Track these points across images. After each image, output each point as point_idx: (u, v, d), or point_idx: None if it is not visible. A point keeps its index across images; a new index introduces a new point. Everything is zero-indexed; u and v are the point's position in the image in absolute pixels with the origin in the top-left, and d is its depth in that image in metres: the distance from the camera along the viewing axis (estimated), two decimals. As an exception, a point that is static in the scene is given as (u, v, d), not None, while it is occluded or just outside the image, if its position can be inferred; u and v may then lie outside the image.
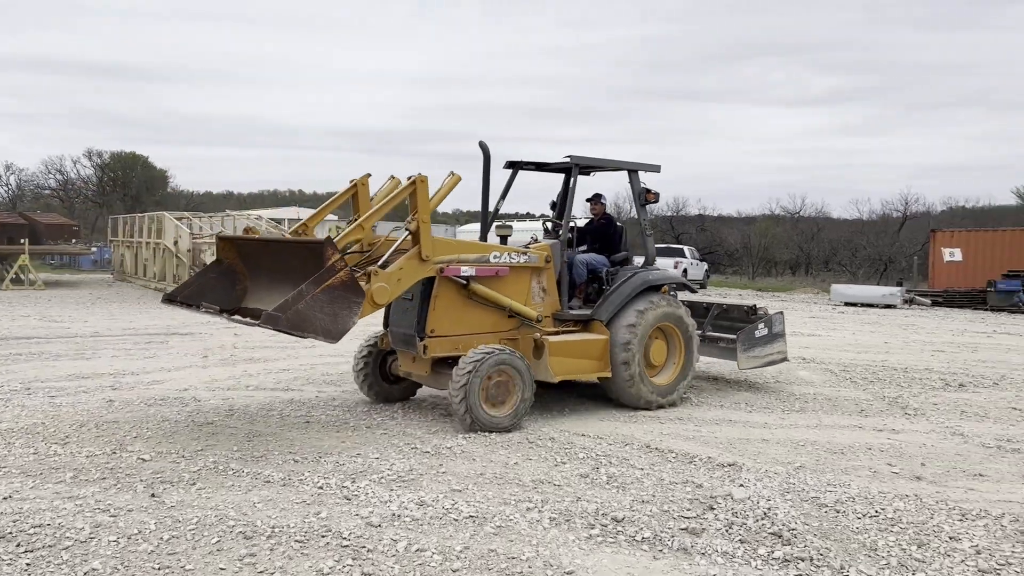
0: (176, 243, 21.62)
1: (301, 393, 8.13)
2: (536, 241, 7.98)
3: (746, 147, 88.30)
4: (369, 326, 9.29)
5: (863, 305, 23.75)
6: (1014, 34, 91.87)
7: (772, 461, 5.90)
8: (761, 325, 8.84)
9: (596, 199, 8.62)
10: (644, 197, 8.22)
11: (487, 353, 6.55)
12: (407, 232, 6.62)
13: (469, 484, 5.16)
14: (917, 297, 24.61)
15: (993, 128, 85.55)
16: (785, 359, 9.07)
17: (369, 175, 7.01)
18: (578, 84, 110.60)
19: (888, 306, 23.60)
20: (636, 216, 8.36)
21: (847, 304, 23.78)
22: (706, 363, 10.03)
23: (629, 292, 7.72)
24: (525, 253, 7.44)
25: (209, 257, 20.07)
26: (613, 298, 7.71)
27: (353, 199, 6.97)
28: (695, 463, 5.79)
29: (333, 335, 5.58)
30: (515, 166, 8.44)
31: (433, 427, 6.71)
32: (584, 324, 7.70)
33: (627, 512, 4.69)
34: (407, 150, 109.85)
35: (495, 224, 8.16)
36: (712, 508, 4.80)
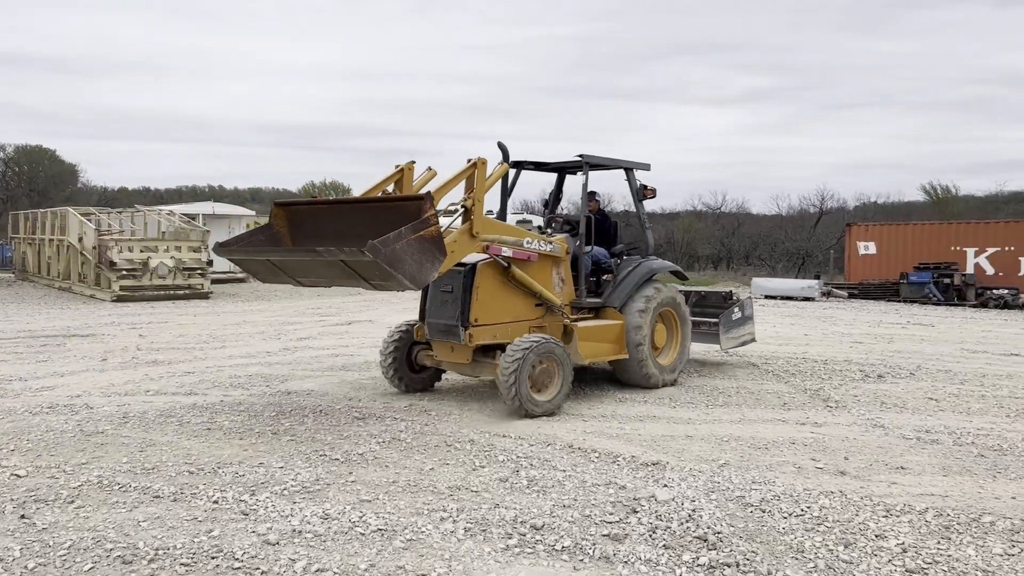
0: (81, 240, 20.49)
1: (205, 397, 7.62)
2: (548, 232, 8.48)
3: (669, 145, 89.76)
4: (342, 336, 8.78)
5: (783, 298, 24.21)
6: (919, 39, 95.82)
7: (696, 459, 5.73)
8: (736, 309, 9.83)
9: (591, 196, 8.85)
10: (642, 193, 8.79)
11: (534, 342, 6.95)
12: (463, 209, 6.97)
13: (380, 494, 4.81)
14: (834, 290, 25.22)
15: (900, 128, 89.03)
16: (754, 339, 10.13)
17: (414, 162, 7.33)
18: (505, 81, 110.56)
19: (807, 299, 24.11)
20: (635, 210, 8.97)
21: (767, 297, 24.20)
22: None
23: (637, 280, 8.42)
24: (551, 242, 7.84)
25: (116, 255, 19.10)
26: (623, 286, 8.34)
27: (396, 184, 7.26)
28: (619, 463, 5.57)
29: (417, 282, 5.90)
30: (518, 166, 8.78)
31: (345, 431, 6.33)
32: (596, 312, 8.26)
33: (547, 519, 4.42)
34: (333, 145, 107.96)
35: (516, 221, 8.67)
36: (635, 511, 4.57)
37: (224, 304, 18.69)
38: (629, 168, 8.73)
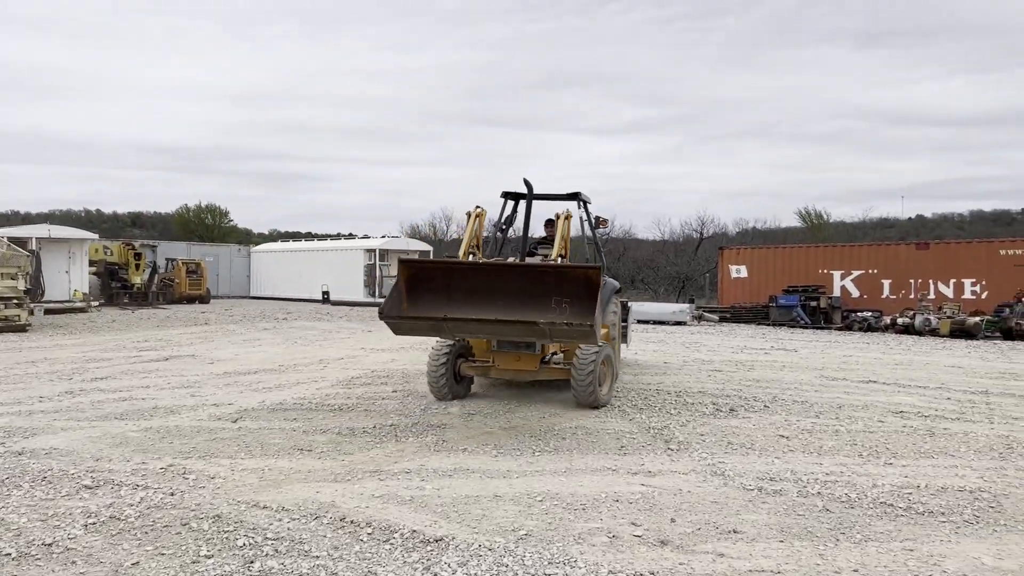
0: None
1: (-96, 463, 6.02)
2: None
3: (559, 171, 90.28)
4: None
5: (655, 322, 23.85)
6: (788, 76, 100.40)
7: (494, 529, 4.66)
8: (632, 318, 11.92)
9: (552, 223, 9.98)
10: (598, 222, 10.52)
11: (598, 350, 8.63)
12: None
13: (34, 609, 3.50)
14: (706, 314, 25.11)
15: (775, 158, 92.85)
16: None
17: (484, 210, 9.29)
18: (397, 107, 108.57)
19: (679, 323, 23.86)
20: (588, 237, 10.55)
21: (640, 322, 23.77)
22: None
23: (607, 296, 9.72)
24: None
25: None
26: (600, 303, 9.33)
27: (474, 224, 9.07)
28: (392, 542, 4.43)
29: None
30: (512, 197, 10.04)
31: (56, 507, 4.93)
32: None
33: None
34: (220, 168, 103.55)
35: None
36: (381, 621, 3.43)
37: (39, 338, 16.58)
38: (587, 201, 10.34)
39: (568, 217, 8.83)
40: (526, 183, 9.35)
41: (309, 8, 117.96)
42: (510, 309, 7.42)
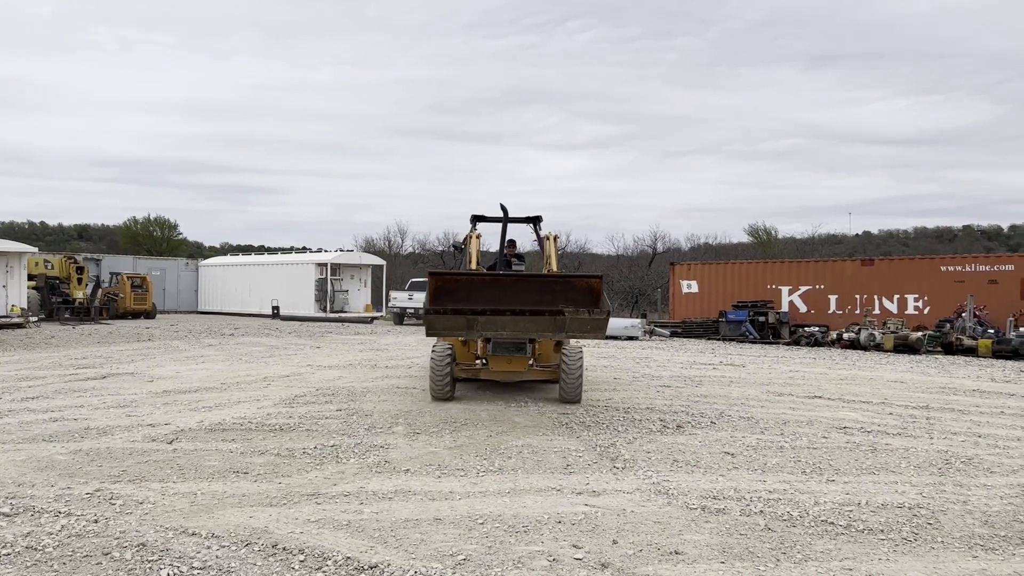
0: None
1: None
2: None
3: (518, 186, 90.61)
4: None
5: (608, 337, 23.90)
6: (739, 95, 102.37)
7: (432, 554, 4.54)
8: None
9: (513, 244, 12.38)
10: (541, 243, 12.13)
11: (581, 351, 10.27)
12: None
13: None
14: (657, 329, 25.28)
15: (726, 175, 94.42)
16: None
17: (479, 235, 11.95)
18: (356, 121, 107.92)
19: (631, 338, 23.97)
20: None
21: (593, 337, 23.81)
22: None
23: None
24: None
25: None
26: None
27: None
28: (325, 569, 4.29)
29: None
30: (480, 219, 12.17)
31: (-30, 538, 4.67)
32: None
33: None
34: (175, 181, 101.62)
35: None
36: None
37: (-29, 355, 15.95)
38: (538, 220, 12.25)
39: (556, 238, 11.63)
40: (502, 207, 11.55)
41: (268, 19, 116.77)
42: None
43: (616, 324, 24.71)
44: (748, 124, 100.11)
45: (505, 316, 8.84)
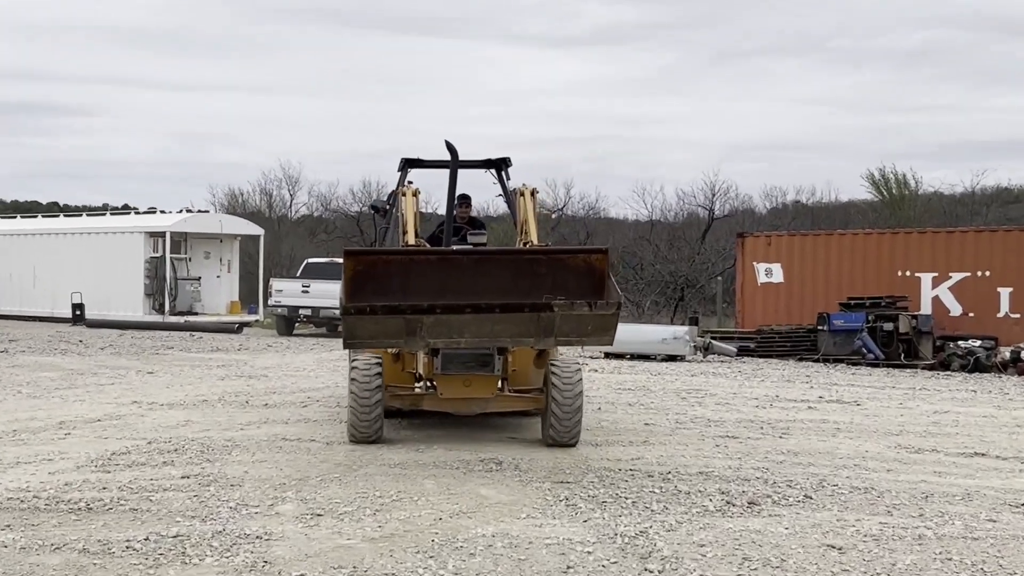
0: None
1: None
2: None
3: (482, 108, 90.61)
4: None
5: (635, 356, 24.01)
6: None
7: None
8: None
9: (468, 201, 13.50)
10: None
11: (580, 366, 11.07)
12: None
13: None
14: (715, 342, 25.45)
15: (825, 89, 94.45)
16: None
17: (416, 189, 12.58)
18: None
19: (672, 357, 24.12)
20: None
21: (609, 356, 23.93)
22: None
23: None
24: None
25: None
26: None
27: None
28: None
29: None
30: (415, 164, 13.28)
31: None
32: None
33: None
34: None
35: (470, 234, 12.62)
36: None
37: None
38: (505, 164, 13.30)
39: (535, 193, 12.23)
40: (449, 147, 11.88)
41: None
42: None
43: (649, 335, 24.92)
44: (860, 5, 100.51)
45: (464, 315, 9.41)
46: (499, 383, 11.22)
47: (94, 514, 8.04)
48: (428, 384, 11.35)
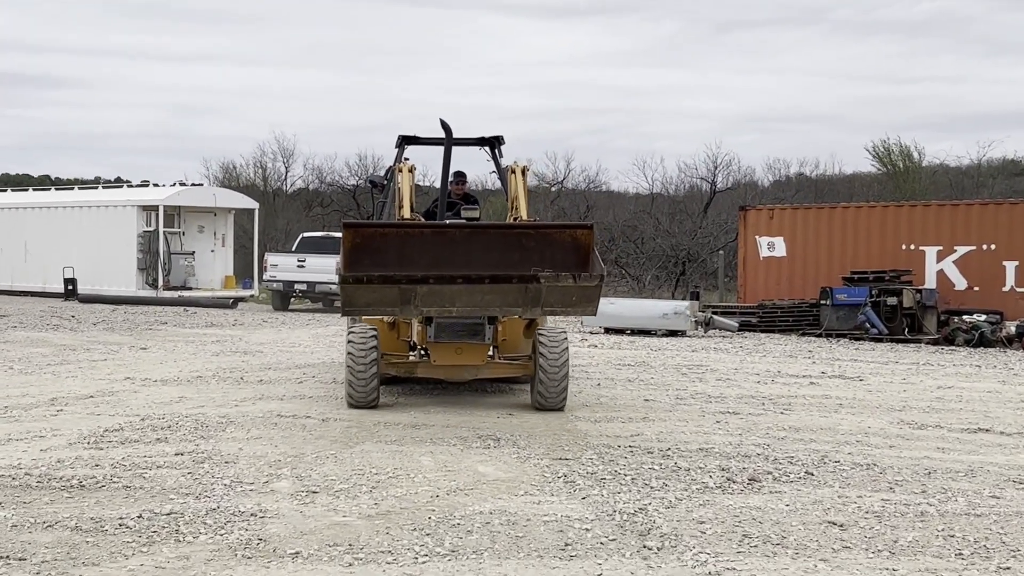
0: None
1: None
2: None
3: (477, 79, 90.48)
4: None
5: (635, 332, 24.03)
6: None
7: None
8: None
9: (463, 178, 14.47)
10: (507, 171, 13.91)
11: (566, 333, 11.96)
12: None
13: None
14: (717, 317, 25.47)
15: (830, 59, 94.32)
16: None
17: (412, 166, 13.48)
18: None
19: (673, 332, 24.13)
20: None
21: (609, 331, 23.96)
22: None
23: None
24: None
25: None
26: None
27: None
28: None
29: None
30: (412, 142, 14.23)
31: None
32: None
33: None
34: None
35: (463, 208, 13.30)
36: None
37: None
38: (498, 142, 14.12)
39: (526, 170, 13.08)
40: (444, 126, 12.93)
41: None
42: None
43: (649, 310, 24.96)
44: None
45: (456, 285, 10.33)
46: (490, 351, 12.06)
47: (87, 491, 8.05)
48: (422, 352, 12.25)
